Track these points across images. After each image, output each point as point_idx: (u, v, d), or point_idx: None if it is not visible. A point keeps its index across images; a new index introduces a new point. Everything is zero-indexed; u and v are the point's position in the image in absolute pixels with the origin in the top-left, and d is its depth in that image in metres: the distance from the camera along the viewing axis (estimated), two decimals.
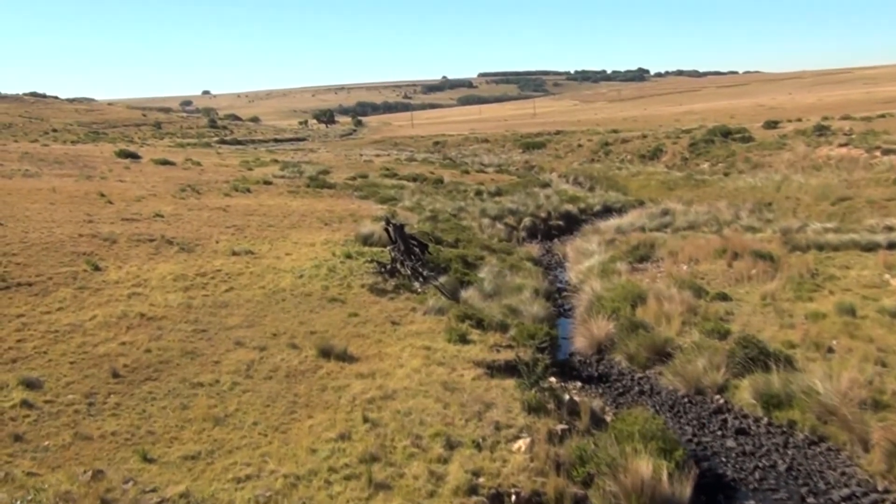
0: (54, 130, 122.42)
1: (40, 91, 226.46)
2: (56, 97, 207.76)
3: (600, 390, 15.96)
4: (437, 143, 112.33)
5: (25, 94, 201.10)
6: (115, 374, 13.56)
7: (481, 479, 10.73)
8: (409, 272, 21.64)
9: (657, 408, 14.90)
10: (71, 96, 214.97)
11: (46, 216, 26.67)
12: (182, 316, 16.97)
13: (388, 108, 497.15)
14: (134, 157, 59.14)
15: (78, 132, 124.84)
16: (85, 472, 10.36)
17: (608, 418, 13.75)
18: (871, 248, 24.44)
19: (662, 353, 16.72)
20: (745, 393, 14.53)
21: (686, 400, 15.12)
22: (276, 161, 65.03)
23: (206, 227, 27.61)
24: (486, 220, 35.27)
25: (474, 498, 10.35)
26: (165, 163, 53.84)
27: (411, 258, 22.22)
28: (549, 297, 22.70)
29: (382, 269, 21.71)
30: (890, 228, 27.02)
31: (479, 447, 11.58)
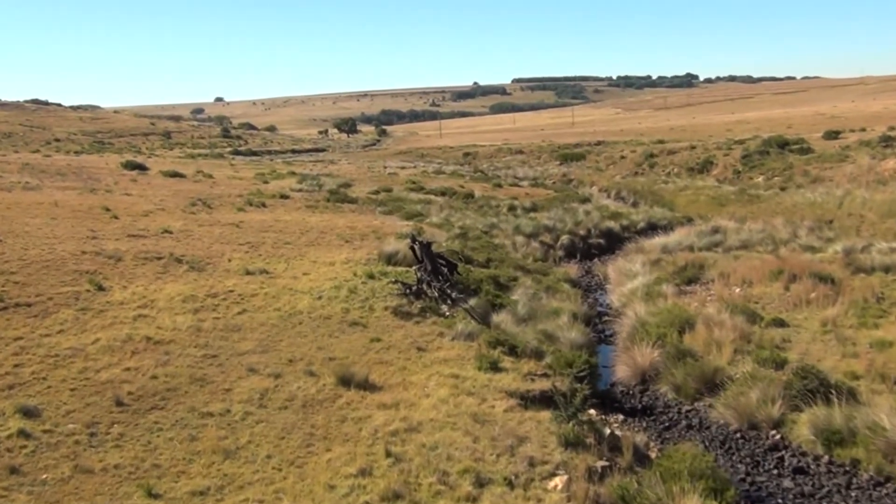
0: (57, 140, 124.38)
1: (42, 98, 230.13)
2: (59, 104, 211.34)
3: (644, 424, 15.85)
4: (467, 154, 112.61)
5: (27, 102, 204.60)
6: (119, 403, 13.67)
7: None
8: (436, 294, 21.64)
9: (707, 444, 14.76)
10: (75, 104, 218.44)
11: (47, 232, 26.99)
12: (191, 340, 17.09)
13: (415, 116, 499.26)
14: (141, 168, 59.80)
15: (82, 142, 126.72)
16: None
17: (653, 455, 13.65)
18: None
19: (712, 384, 16.58)
20: (803, 428, 14.36)
21: (738, 435, 14.97)
22: (293, 173, 65.44)
23: (218, 244, 27.82)
24: (520, 238, 35.26)
25: None
26: (175, 175, 54.39)
27: (439, 279, 22.23)
28: (589, 321, 22.61)
29: (407, 291, 21.74)
30: None
31: (511, 485, 11.53)
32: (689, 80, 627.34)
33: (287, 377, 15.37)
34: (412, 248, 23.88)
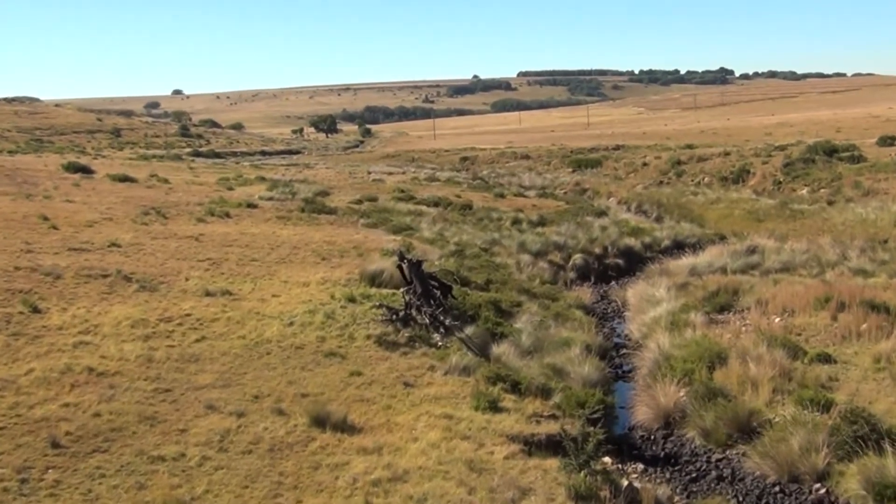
0: None
1: None
2: None
3: (668, 475, 15.82)
4: (464, 158, 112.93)
5: None
6: (56, 444, 13.61)
7: None
8: (427, 321, 21.63)
9: (740, 498, 14.74)
10: (9, 95, 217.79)
11: None
12: (141, 372, 17.05)
13: (405, 114, 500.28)
14: (86, 171, 59.80)
15: (17, 139, 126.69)
16: None
17: None
18: None
19: (747, 429, 16.55)
20: (852, 481, 14.33)
21: (777, 489, 14.95)
22: (262, 179, 65.48)
23: (174, 260, 27.80)
24: (525, 257, 35.29)
25: None
26: (125, 179, 54.42)
27: (430, 303, 22.22)
28: (604, 355, 22.61)
29: (394, 317, 21.72)
30: None
31: None
32: (722, 76, 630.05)
33: (252, 416, 15.33)
34: (400, 268, 23.88)
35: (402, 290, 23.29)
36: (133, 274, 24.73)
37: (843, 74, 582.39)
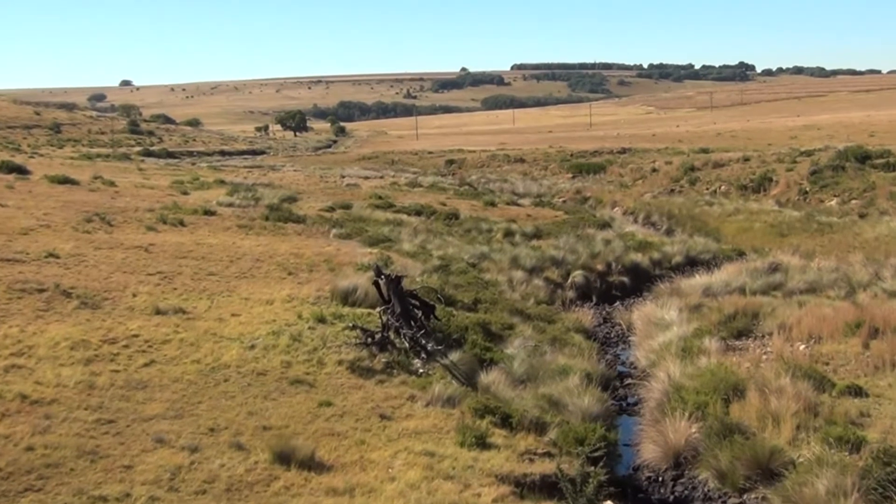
0: None
1: None
2: None
3: None
4: (450, 161, 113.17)
5: None
6: None
7: None
8: (406, 345, 21.61)
9: None
10: None
11: None
12: (81, 400, 16.95)
13: (384, 110, 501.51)
14: (21, 171, 59.50)
15: None
16: None
17: None
18: None
19: (768, 470, 16.57)
20: None
21: None
22: (222, 182, 65.38)
23: (120, 273, 27.72)
24: (518, 274, 35.28)
25: None
26: (65, 181, 54.16)
27: (411, 325, 22.19)
28: (607, 385, 22.61)
29: (369, 340, 21.69)
30: None
31: None
32: (742, 72, 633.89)
33: (207, 451, 15.27)
34: (376, 284, 23.83)
35: (378, 309, 23.23)
36: (73, 289, 24.62)
37: (878, 72, 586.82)
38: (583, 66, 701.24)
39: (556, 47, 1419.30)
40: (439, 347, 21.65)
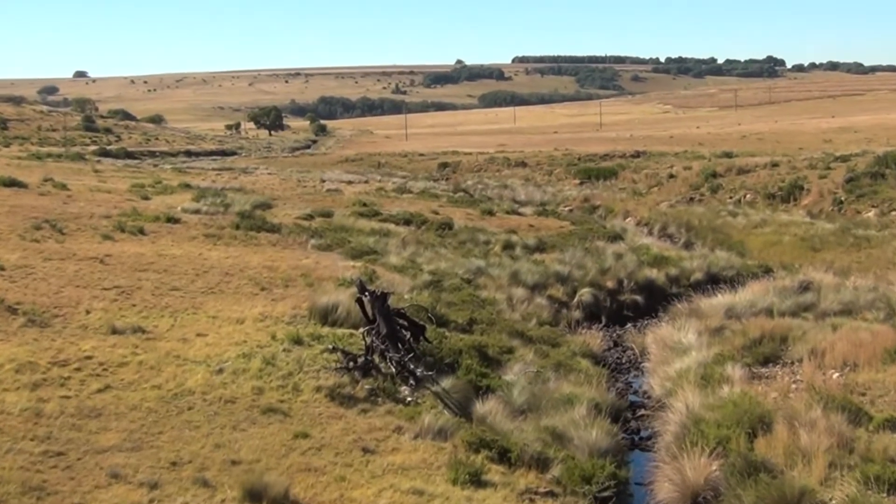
0: None
1: None
2: None
3: None
4: (444, 165, 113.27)
5: None
6: None
7: None
8: (393, 369, 21.58)
9: None
10: None
11: None
12: (26, 429, 16.91)
13: (369, 107, 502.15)
14: None
15: None
16: None
17: None
18: None
19: None
20: None
21: None
22: (187, 186, 65.39)
23: (72, 287, 27.66)
24: (519, 291, 35.27)
25: None
26: (11, 184, 54.10)
27: (398, 347, 22.18)
28: (617, 416, 22.58)
29: (351, 364, 21.66)
30: None
31: None
32: (770, 67, 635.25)
33: (168, 488, 15.23)
34: (360, 302, 23.84)
35: (361, 330, 23.23)
36: (19, 304, 24.58)
37: None
38: (592, 59, 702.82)
39: (562, 38, 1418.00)
40: (430, 373, 21.63)
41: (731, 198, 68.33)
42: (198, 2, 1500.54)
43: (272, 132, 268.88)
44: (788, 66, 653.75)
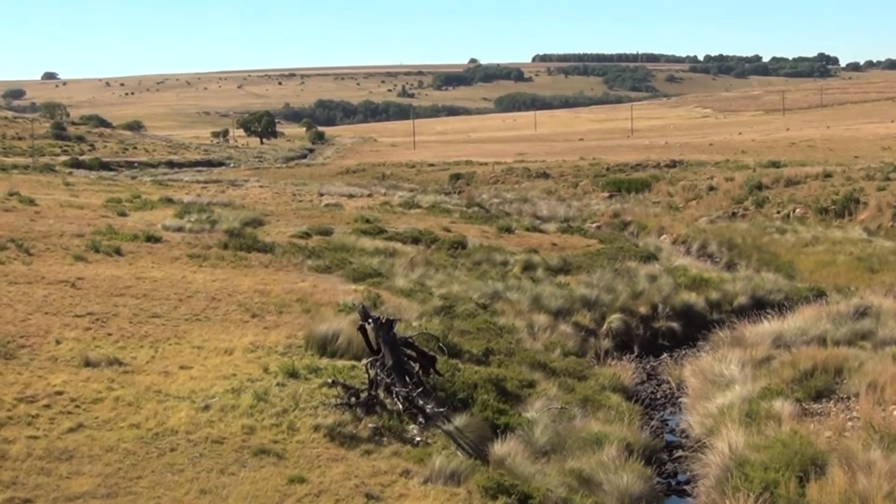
0: None
1: None
2: None
3: None
4: (456, 176, 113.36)
5: None
6: None
7: None
8: (399, 406, 21.59)
9: None
10: None
11: None
12: None
13: (373, 111, 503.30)
14: None
15: None
16: None
17: None
18: None
19: None
20: None
21: None
22: (169, 201, 65.51)
23: (41, 314, 27.72)
24: (541, 318, 35.25)
25: None
26: None
27: (405, 381, 22.18)
28: (651, 458, 22.57)
29: (353, 400, 21.68)
30: None
31: None
32: (822, 66, 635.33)
33: None
34: (362, 330, 23.84)
35: (365, 362, 23.24)
36: None
37: None
38: (622, 57, 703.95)
39: (589, 34, 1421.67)
40: (441, 410, 21.64)
41: (778, 212, 68.24)
42: None
43: (264, 140, 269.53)
44: (842, 64, 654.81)
